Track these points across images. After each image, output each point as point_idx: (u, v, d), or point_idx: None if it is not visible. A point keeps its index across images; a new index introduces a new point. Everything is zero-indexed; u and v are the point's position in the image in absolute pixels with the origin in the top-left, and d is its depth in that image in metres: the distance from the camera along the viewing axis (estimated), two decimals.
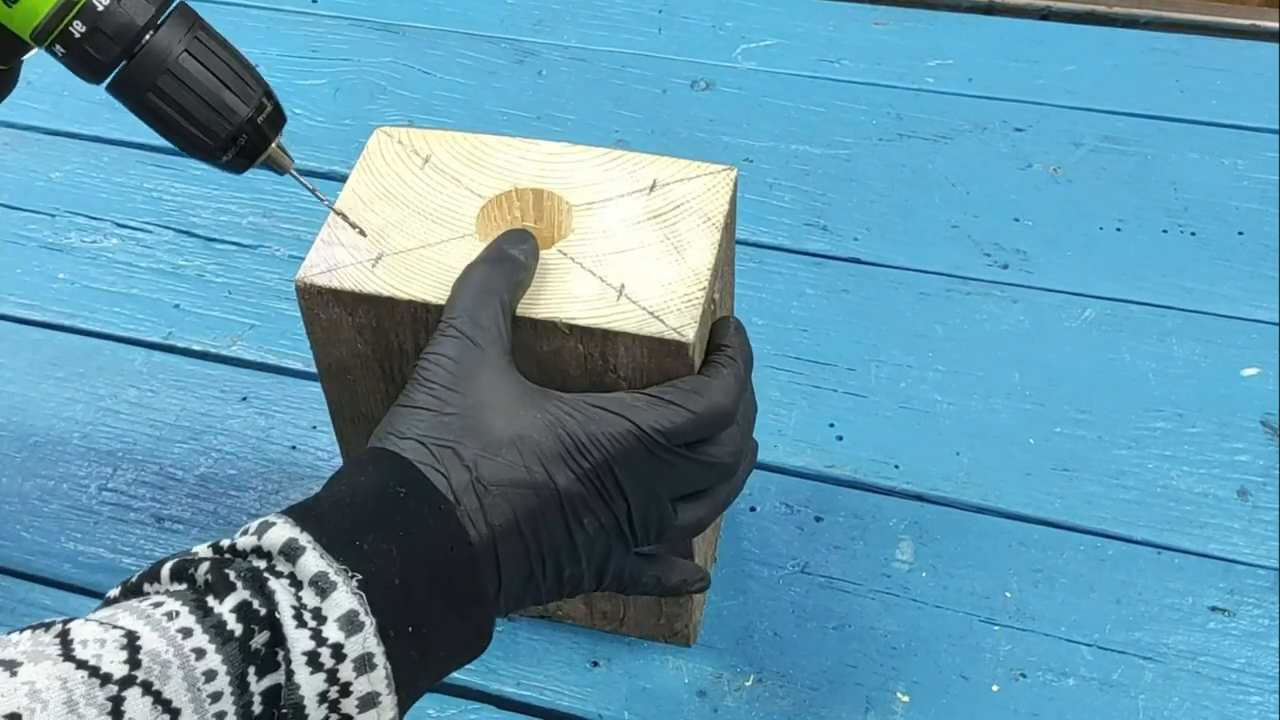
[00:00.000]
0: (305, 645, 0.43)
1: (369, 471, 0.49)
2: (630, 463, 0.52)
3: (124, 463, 0.78)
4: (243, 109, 0.53)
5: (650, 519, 0.54)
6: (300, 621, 0.44)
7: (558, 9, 1.09)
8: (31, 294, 0.88)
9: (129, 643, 0.42)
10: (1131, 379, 0.80)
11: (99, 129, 0.99)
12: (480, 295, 0.53)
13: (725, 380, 0.55)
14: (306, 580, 0.44)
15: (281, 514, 0.47)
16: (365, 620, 0.44)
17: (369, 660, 0.44)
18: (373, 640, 0.44)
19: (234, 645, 0.43)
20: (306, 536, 0.45)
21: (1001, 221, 0.90)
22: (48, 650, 0.41)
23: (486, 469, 0.50)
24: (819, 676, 0.67)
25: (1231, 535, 0.72)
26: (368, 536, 0.46)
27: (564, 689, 0.67)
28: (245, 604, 0.43)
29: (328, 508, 0.48)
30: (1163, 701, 0.65)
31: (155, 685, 0.41)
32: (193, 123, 0.52)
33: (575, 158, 0.61)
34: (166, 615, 0.43)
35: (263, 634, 0.43)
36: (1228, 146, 0.94)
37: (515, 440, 0.51)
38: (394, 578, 0.46)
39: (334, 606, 0.44)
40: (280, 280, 0.88)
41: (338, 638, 0.44)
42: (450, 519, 0.48)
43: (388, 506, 0.48)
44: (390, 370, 0.58)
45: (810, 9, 1.08)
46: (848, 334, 0.83)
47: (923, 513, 0.74)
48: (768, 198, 0.92)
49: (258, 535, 0.46)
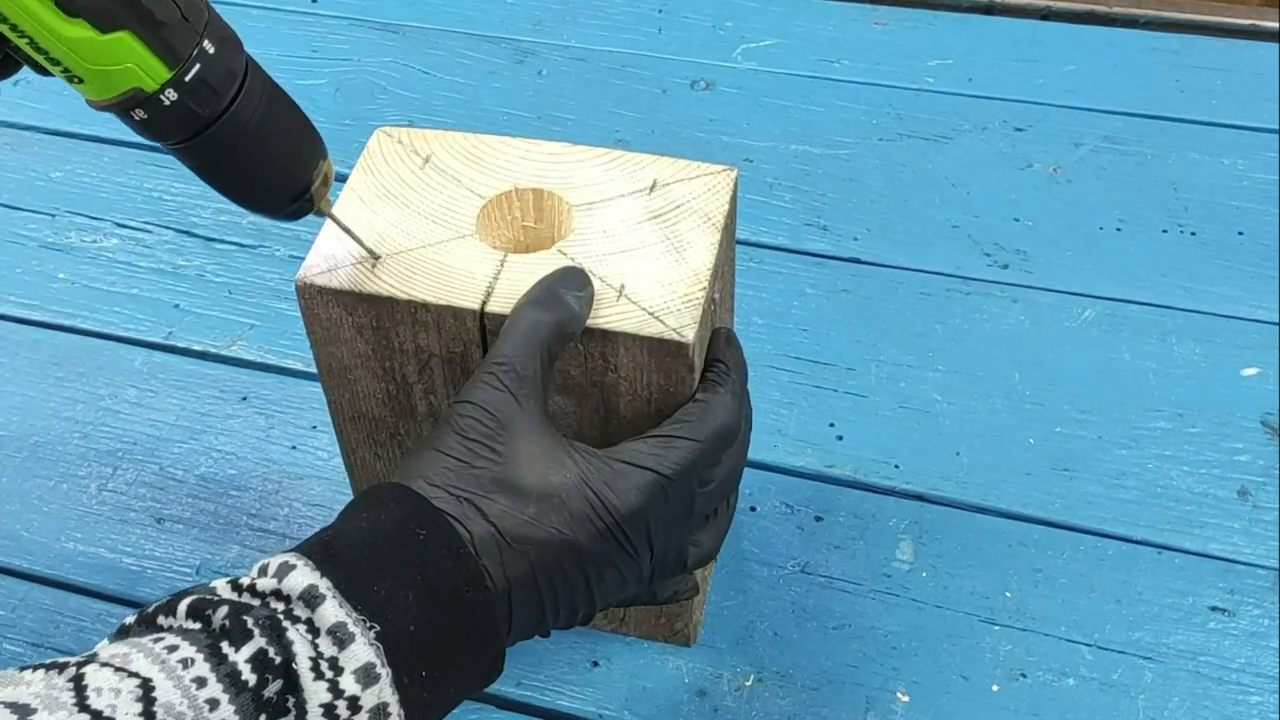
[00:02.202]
0: (323, 698, 0.43)
1: (390, 509, 0.49)
2: (654, 512, 0.52)
3: (124, 463, 0.78)
4: (308, 173, 0.52)
5: (669, 560, 0.55)
6: (318, 673, 0.44)
7: (558, 9, 1.09)
8: (31, 294, 0.88)
9: (144, 694, 0.41)
10: (1131, 379, 0.80)
11: (99, 129, 0.99)
12: (528, 344, 0.52)
13: (724, 400, 0.55)
14: (324, 629, 0.44)
15: (301, 555, 0.47)
16: (382, 672, 0.45)
17: (384, 710, 0.45)
18: (389, 690, 0.45)
19: (248, 696, 0.43)
20: (326, 583, 0.45)
21: (1001, 221, 0.90)
22: (62, 698, 0.41)
23: (510, 525, 0.50)
24: (819, 676, 0.67)
25: (1231, 535, 0.72)
26: (386, 582, 0.46)
27: (564, 689, 0.67)
28: (261, 652, 0.43)
29: (346, 549, 0.47)
30: (1162, 701, 0.65)
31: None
32: (261, 184, 0.52)
33: (575, 158, 0.61)
34: (181, 663, 0.43)
35: (276, 682, 0.43)
36: (1228, 146, 0.94)
37: (542, 497, 0.50)
38: (410, 624, 0.46)
39: (351, 658, 0.44)
40: (280, 280, 0.88)
41: (355, 690, 0.44)
42: (469, 562, 0.48)
43: (407, 549, 0.48)
44: (391, 370, 0.58)
45: (810, 9, 1.08)
46: (848, 334, 0.83)
47: (923, 513, 0.74)
48: (768, 198, 0.92)
49: (277, 578, 0.46)
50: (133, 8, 0.44)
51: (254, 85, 0.49)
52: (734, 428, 0.55)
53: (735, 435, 0.56)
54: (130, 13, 0.44)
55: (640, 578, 0.54)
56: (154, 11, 0.45)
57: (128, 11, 0.44)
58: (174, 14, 0.45)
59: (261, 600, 0.46)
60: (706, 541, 0.57)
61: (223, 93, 0.48)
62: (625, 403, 0.56)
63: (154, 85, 0.46)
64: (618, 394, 0.56)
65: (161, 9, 0.45)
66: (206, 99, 0.47)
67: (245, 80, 0.49)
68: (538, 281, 0.54)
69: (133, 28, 0.44)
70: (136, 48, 0.45)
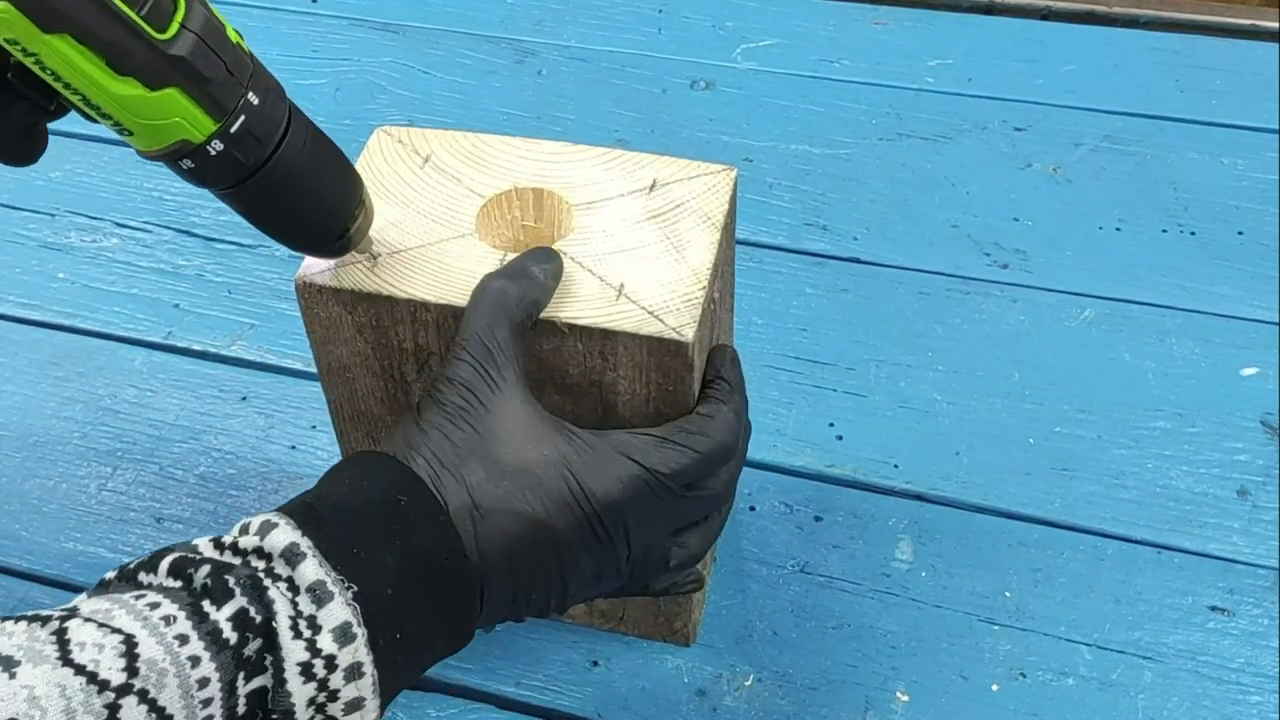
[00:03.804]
0: (300, 656, 0.44)
1: (373, 475, 0.50)
2: (635, 507, 0.52)
3: (124, 463, 0.78)
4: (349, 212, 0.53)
5: (649, 560, 0.55)
6: (296, 632, 0.44)
7: (558, 9, 1.09)
8: (31, 294, 0.88)
9: (127, 649, 0.42)
10: (1131, 379, 0.80)
11: (99, 129, 0.99)
12: (494, 314, 0.52)
13: (726, 418, 0.55)
14: (304, 586, 0.45)
15: (284, 514, 0.47)
16: (358, 632, 0.45)
17: (358, 669, 0.45)
18: (364, 651, 0.45)
19: (228, 653, 0.43)
20: (308, 542, 0.46)
21: (1001, 221, 0.90)
22: (45, 651, 0.41)
23: (484, 497, 0.50)
24: (818, 676, 0.67)
25: (1231, 535, 0.72)
26: (366, 545, 0.47)
27: (564, 689, 0.67)
28: (242, 611, 0.44)
29: (329, 510, 0.48)
30: (1162, 701, 0.65)
31: (151, 694, 0.42)
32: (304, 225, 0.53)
33: (575, 157, 0.61)
34: (164, 620, 0.43)
35: (256, 641, 0.44)
36: (1228, 146, 0.94)
37: (519, 473, 0.51)
38: (388, 587, 0.47)
39: (329, 617, 0.45)
40: (280, 280, 0.88)
41: (331, 649, 0.45)
42: (448, 530, 0.49)
43: (388, 514, 0.48)
44: (390, 369, 0.58)
45: (810, 9, 1.08)
46: (847, 334, 0.83)
47: (922, 512, 0.74)
48: (768, 198, 0.92)
49: (260, 536, 0.46)
50: (180, 66, 0.45)
51: (296, 132, 0.51)
52: (731, 446, 0.56)
53: (732, 452, 0.56)
54: (178, 71, 0.45)
55: (618, 571, 0.54)
56: (201, 69, 0.46)
57: (175, 70, 0.45)
58: (220, 70, 0.47)
59: (243, 558, 0.46)
60: (693, 545, 0.57)
61: (266, 142, 0.49)
62: (624, 402, 0.56)
63: (201, 137, 0.47)
64: (616, 393, 0.56)
65: (208, 66, 0.46)
66: (251, 148, 0.49)
67: (288, 128, 0.50)
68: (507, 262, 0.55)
69: (180, 84, 0.46)
70: (184, 102, 0.46)
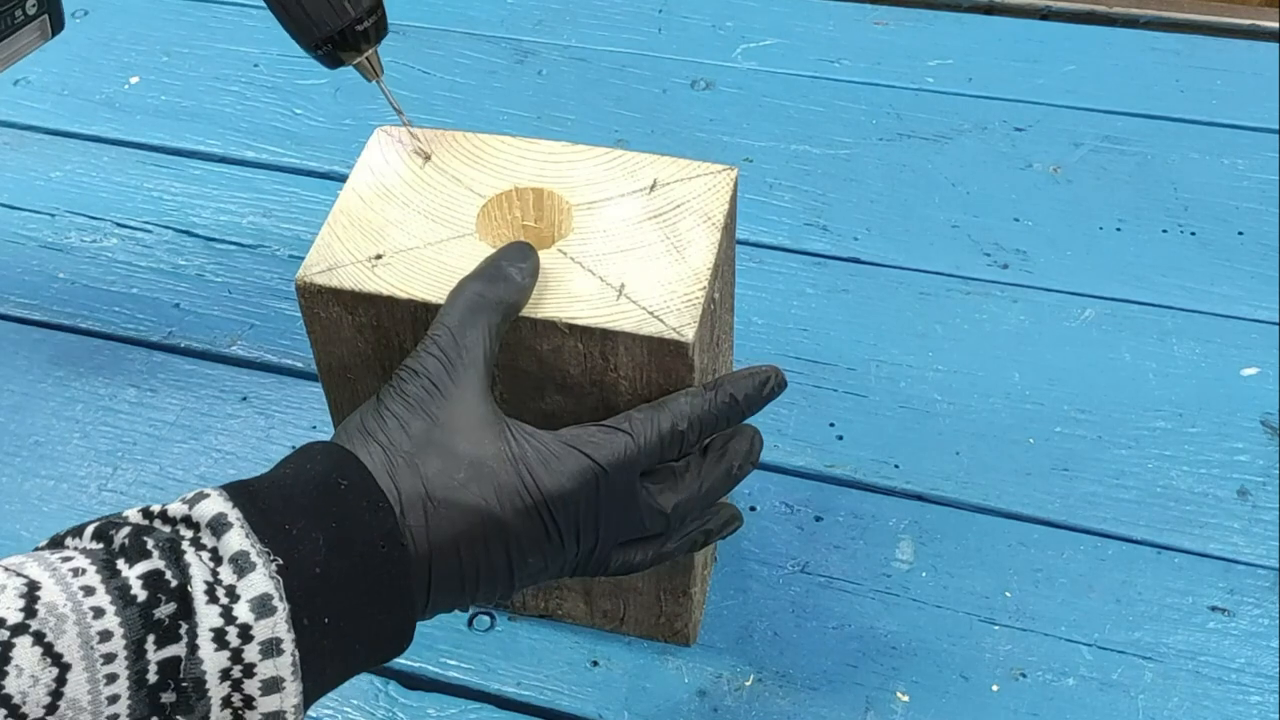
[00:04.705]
0: (214, 622, 0.43)
1: (316, 460, 0.49)
2: (586, 500, 0.52)
3: (124, 463, 0.78)
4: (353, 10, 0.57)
5: (592, 561, 0.54)
6: (212, 597, 0.44)
7: (558, 9, 1.09)
8: (31, 294, 0.88)
9: (28, 591, 0.42)
10: (1131, 379, 0.80)
11: (99, 129, 0.99)
12: (468, 314, 0.52)
13: (678, 404, 0.54)
14: (227, 557, 0.45)
15: (219, 487, 0.47)
16: (278, 605, 0.44)
17: (276, 645, 0.44)
18: (284, 626, 0.44)
19: (135, 610, 0.43)
20: (236, 513, 0.46)
21: (1001, 221, 0.90)
22: None
23: (438, 488, 0.50)
24: (819, 676, 0.67)
25: (1231, 535, 0.72)
26: (298, 522, 0.46)
27: (564, 689, 0.67)
28: (156, 573, 0.43)
29: (265, 486, 0.48)
30: (1162, 701, 0.65)
31: (48, 637, 0.41)
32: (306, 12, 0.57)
33: (575, 157, 0.61)
34: (72, 571, 0.43)
35: (169, 605, 0.43)
36: (1228, 146, 0.94)
37: (473, 465, 0.50)
38: (316, 566, 0.46)
39: (249, 587, 0.44)
40: (280, 280, 0.88)
41: (247, 619, 0.44)
42: (389, 518, 0.48)
43: (326, 495, 0.48)
44: (390, 369, 0.58)
45: (810, 9, 1.08)
46: (848, 334, 0.83)
47: (923, 512, 0.74)
48: (768, 198, 0.92)
49: (189, 505, 0.46)
50: None
51: None
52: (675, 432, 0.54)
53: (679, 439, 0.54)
54: None
55: (563, 567, 0.53)
56: None
57: None
58: None
59: (171, 526, 0.46)
60: (636, 559, 0.56)
61: None
62: (625, 402, 0.56)
63: None
64: (617, 393, 0.56)
65: None
66: None
67: None
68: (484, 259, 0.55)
69: None
70: None
